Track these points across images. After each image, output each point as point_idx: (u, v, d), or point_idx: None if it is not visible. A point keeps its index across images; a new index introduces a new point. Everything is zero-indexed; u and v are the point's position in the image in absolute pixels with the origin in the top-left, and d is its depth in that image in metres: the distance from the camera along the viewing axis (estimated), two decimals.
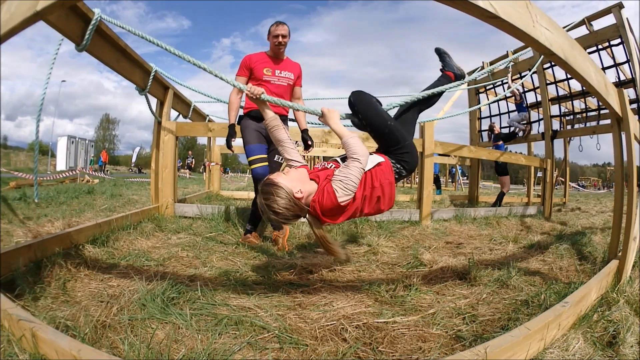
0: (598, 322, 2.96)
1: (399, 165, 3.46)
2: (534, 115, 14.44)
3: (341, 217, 3.22)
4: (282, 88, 5.73)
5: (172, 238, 6.06)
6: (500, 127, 14.76)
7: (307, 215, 3.22)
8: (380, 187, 3.29)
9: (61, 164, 49.15)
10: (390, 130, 3.46)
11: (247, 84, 5.53)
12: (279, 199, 3.03)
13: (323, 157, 36.69)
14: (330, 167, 3.43)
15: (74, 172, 22.16)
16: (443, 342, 2.74)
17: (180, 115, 9.70)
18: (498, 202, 13.20)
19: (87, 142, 57.51)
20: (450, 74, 4.24)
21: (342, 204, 3.07)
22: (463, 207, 11.22)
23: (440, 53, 4.44)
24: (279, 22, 5.68)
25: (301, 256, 5.03)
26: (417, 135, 8.74)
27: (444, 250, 5.78)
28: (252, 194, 13.64)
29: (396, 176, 3.46)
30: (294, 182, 3.14)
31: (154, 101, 7.38)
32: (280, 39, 5.62)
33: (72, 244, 4.71)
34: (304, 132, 6.06)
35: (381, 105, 3.68)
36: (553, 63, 10.78)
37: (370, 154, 3.42)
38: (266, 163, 5.56)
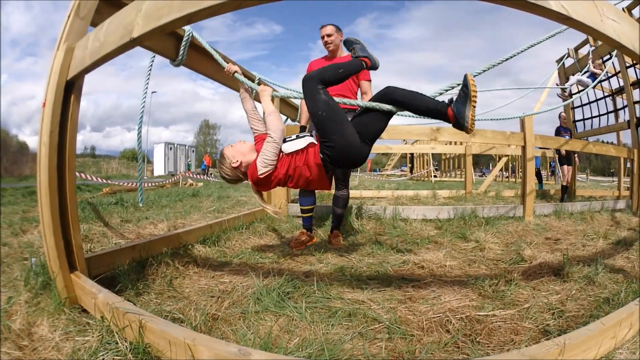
0: None
1: (321, 155, 3.56)
2: (618, 102, 13.80)
3: (266, 187, 3.77)
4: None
5: (286, 237, 6.25)
6: (583, 119, 14.39)
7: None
8: (307, 167, 3.60)
9: (159, 169, 50.65)
10: (318, 120, 3.53)
11: None
12: (223, 167, 3.78)
13: (432, 153, 36.35)
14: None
15: (176, 177, 22.57)
16: (532, 335, 2.82)
17: (289, 119, 9.77)
18: (562, 196, 13.12)
19: (187, 147, 58.12)
20: (365, 60, 4.12)
21: (261, 176, 3.55)
22: (562, 202, 11.17)
23: (349, 42, 4.36)
24: (323, 25, 5.87)
25: (414, 253, 5.11)
26: (517, 129, 8.67)
27: (543, 246, 5.73)
28: (364, 193, 13.64)
29: (323, 163, 3.58)
30: (236, 153, 3.73)
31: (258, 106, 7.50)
32: (326, 38, 5.81)
33: (181, 244, 4.92)
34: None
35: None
36: None
37: (311, 134, 3.77)
38: None
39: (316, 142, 3.65)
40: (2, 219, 7.30)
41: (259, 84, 6.10)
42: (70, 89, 3.12)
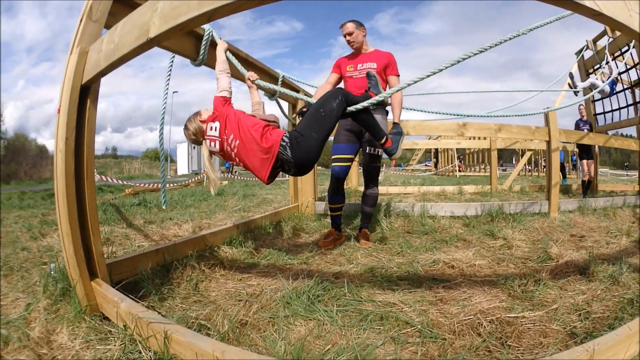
0: None
1: (286, 135, 3.68)
2: (637, 94, 13.65)
3: (219, 115, 3.82)
4: (364, 80, 5.64)
5: (314, 236, 6.24)
6: (604, 112, 14.26)
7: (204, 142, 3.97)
8: (261, 133, 3.67)
9: (182, 168, 50.79)
10: (315, 113, 3.76)
11: (338, 81, 6.00)
12: (190, 118, 3.98)
13: (457, 149, 36.32)
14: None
15: (200, 176, 22.60)
16: (560, 338, 2.79)
17: None
18: (586, 190, 13.01)
19: None
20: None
21: (221, 96, 3.88)
22: (584, 197, 11.33)
23: (370, 77, 4.72)
24: (342, 23, 5.79)
25: (443, 251, 5.08)
26: (541, 123, 8.62)
27: (569, 243, 5.68)
28: (390, 189, 13.85)
29: (280, 149, 3.64)
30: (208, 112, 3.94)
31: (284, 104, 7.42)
32: (347, 37, 5.73)
33: (207, 246, 4.88)
34: (395, 125, 5.83)
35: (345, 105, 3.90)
36: None
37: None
38: (347, 163, 5.72)
39: (278, 127, 3.95)
40: (22, 223, 7.41)
41: (283, 82, 6.10)
42: (85, 93, 3.08)
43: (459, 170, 37.74)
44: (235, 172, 39.42)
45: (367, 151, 5.72)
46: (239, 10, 2.18)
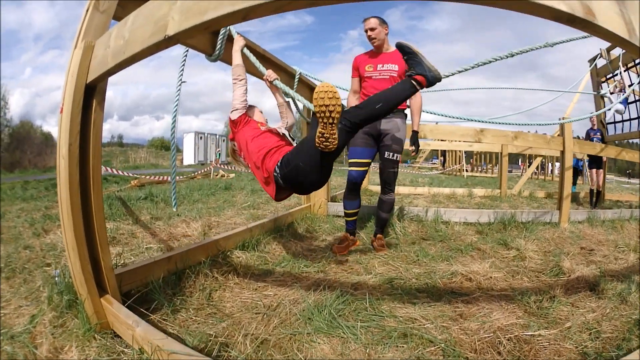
0: None
1: (278, 170, 3.42)
2: None
3: (239, 134, 3.95)
4: (385, 82, 5.48)
5: (327, 239, 6.18)
6: (615, 121, 14.17)
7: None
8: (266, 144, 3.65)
9: (189, 158, 50.57)
10: (309, 141, 3.25)
11: (359, 84, 5.74)
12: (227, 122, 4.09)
13: (465, 151, 36.26)
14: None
15: (207, 169, 22.44)
16: (573, 358, 2.82)
17: None
18: (595, 201, 12.82)
19: (217, 136, 57.05)
20: (421, 79, 3.08)
21: (231, 117, 3.96)
22: (592, 207, 11.55)
23: (402, 49, 3.31)
24: (365, 18, 5.52)
25: (460, 262, 5.04)
26: (550, 128, 8.68)
27: (579, 257, 5.68)
28: (400, 189, 13.76)
29: (275, 180, 3.50)
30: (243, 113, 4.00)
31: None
32: (369, 32, 5.46)
33: (219, 251, 4.73)
34: (414, 133, 5.85)
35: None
36: None
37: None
38: (364, 168, 5.66)
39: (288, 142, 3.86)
40: (24, 217, 7.35)
41: (299, 79, 5.99)
42: (91, 94, 2.85)
43: (467, 171, 37.73)
44: None
45: (385, 156, 5.58)
46: (282, 11, 1.88)
